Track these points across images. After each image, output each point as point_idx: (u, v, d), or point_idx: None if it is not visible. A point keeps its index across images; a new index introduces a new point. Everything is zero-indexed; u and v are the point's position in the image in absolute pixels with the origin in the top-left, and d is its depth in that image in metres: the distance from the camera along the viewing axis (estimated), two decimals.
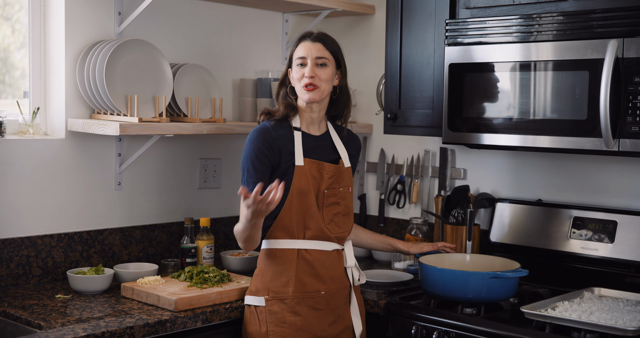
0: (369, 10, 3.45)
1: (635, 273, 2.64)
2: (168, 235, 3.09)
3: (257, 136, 2.44)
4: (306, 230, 2.44)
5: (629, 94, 2.33)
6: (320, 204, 2.46)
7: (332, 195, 2.49)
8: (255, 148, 2.42)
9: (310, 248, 2.44)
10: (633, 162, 2.76)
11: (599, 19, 2.40)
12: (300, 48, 2.49)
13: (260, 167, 2.41)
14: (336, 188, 2.50)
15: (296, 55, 2.49)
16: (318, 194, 2.46)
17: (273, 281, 2.42)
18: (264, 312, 2.41)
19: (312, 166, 2.46)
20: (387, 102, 3.05)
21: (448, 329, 2.41)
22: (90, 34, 2.83)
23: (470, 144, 2.75)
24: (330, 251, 2.47)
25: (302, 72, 2.47)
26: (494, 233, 2.99)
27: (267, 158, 2.42)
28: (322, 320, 2.44)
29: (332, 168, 2.50)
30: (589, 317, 2.23)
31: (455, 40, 2.74)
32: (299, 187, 2.42)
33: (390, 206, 3.45)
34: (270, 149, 2.43)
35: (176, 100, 2.92)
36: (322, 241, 2.46)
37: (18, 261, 2.67)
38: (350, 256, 2.53)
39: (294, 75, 2.49)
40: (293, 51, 2.51)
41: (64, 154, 2.79)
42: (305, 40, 2.49)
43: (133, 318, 2.31)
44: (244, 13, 3.34)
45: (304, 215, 2.43)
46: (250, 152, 2.43)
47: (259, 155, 2.41)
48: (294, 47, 2.52)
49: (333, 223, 2.49)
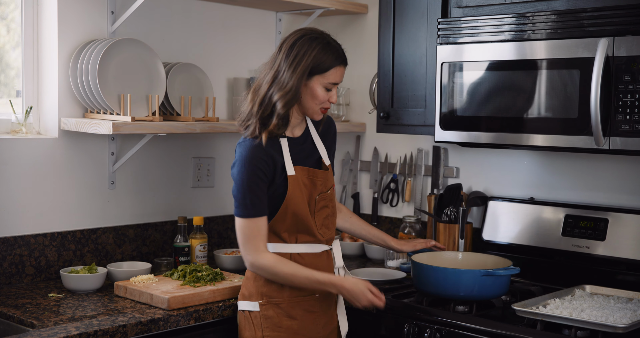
0: (362, 9, 3.46)
1: (626, 271, 2.66)
2: (161, 233, 3.09)
3: (252, 157, 2.30)
4: (298, 235, 2.41)
5: (619, 92, 2.34)
6: (312, 210, 2.42)
7: (322, 199, 2.45)
8: (255, 170, 2.29)
9: (303, 252, 2.41)
10: (624, 160, 2.77)
11: (590, 18, 2.41)
12: (336, 73, 2.35)
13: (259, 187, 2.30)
14: (324, 191, 2.46)
15: (331, 79, 2.34)
16: (310, 201, 2.41)
17: (267, 285, 2.39)
18: (258, 317, 2.38)
19: (303, 173, 2.40)
20: (380, 101, 3.06)
21: (440, 327, 2.42)
22: (83, 33, 2.84)
23: (462, 142, 2.76)
24: (320, 253, 2.46)
25: (328, 97, 2.36)
26: (487, 231, 3.00)
27: (264, 174, 2.32)
28: (316, 322, 2.44)
29: (323, 174, 2.45)
30: (579, 314, 2.24)
31: (448, 39, 2.75)
32: (293, 197, 2.36)
33: (383, 204, 3.46)
34: (265, 165, 2.31)
35: (169, 99, 2.92)
36: (313, 244, 2.44)
37: (11, 260, 2.67)
38: (338, 257, 2.51)
39: (318, 96, 2.34)
40: (325, 72, 2.33)
41: (57, 154, 2.80)
42: (341, 65, 2.36)
43: (126, 316, 2.32)
44: (237, 12, 3.34)
45: (297, 223, 2.39)
46: (245, 173, 2.29)
47: (256, 174, 2.30)
48: (327, 66, 2.33)
49: (324, 227, 2.46)
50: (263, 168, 2.31)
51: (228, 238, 3.32)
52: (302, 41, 2.34)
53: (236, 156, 2.36)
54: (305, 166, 2.42)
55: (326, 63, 2.33)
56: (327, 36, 2.39)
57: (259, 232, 2.32)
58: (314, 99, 2.36)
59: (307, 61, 2.31)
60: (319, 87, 2.35)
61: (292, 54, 2.32)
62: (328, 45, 2.35)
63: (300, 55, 2.32)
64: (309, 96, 2.36)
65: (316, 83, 2.34)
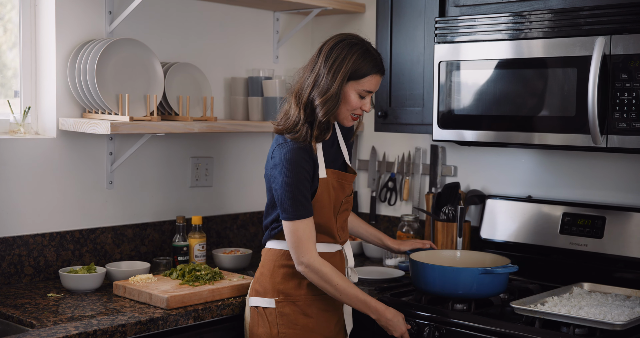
0: (359, 8, 3.46)
1: (623, 268, 2.66)
2: (160, 233, 3.09)
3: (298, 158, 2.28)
4: (318, 235, 2.40)
5: (616, 90, 2.35)
6: (335, 213, 2.42)
7: (346, 202, 2.47)
8: (301, 171, 2.28)
9: (320, 251, 2.40)
10: (621, 158, 2.78)
11: (587, 17, 2.42)
12: (372, 81, 2.33)
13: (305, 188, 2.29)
14: (349, 194, 2.48)
15: (367, 87, 2.32)
16: (336, 203, 2.41)
17: (284, 282, 2.40)
18: (274, 314, 2.38)
19: (334, 176, 2.40)
20: (378, 100, 3.06)
21: (439, 325, 2.42)
22: (81, 33, 2.84)
23: (460, 141, 2.76)
24: (334, 253, 2.47)
25: (362, 105, 2.34)
26: (485, 229, 3.00)
27: (308, 174, 2.30)
28: (330, 321, 2.45)
29: (351, 178, 2.45)
30: (578, 311, 2.25)
31: (445, 38, 2.75)
32: (321, 200, 2.35)
33: (381, 203, 3.46)
34: (310, 169, 2.30)
35: (167, 99, 2.92)
36: (329, 243, 2.45)
37: (10, 260, 2.67)
38: (350, 258, 2.53)
39: (351, 102, 2.32)
40: (362, 78, 2.31)
41: (56, 154, 2.80)
42: (378, 74, 2.34)
43: (125, 316, 2.32)
44: (235, 11, 3.35)
45: (319, 225, 2.38)
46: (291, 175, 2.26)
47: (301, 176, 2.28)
48: (365, 73, 2.31)
49: (341, 229, 2.48)
50: (308, 169, 2.30)
51: (226, 237, 3.32)
52: (342, 45, 2.31)
53: (278, 158, 2.31)
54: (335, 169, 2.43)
55: (363, 69, 2.31)
56: (366, 43, 2.36)
57: (312, 233, 2.32)
58: (346, 105, 2.33)
59: (346, 66, 2.29)
60: (353, 93, 2.33)
61: (332, 58, 2.30)
62: (367, 52, 2.33)
63: (340, 59, 2.29)
64: (342, 102, 2.33)
65: (351, 89, 2.32)
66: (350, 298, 2.34)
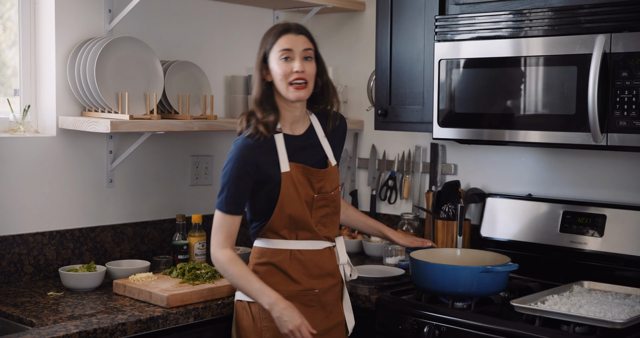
0: (359, 6, 3.46)
1: (624, 267, 2.66)
2: (160, 231, 3.09)
3: (240, 155, 2.33)
4: (298, 232, 2.41)
5: (616, 88, 2.35)
6: (310, 208, 2.42)
7: (322, 199, 2.44)
8: (239, 168, 2.32)
9: (303, 249, 2.41)
10: (621, 156, 2.78)
11: (587, 15, 2.41)
12: (283, 40, 2.32)
13: (242, 188, 2.34)
14: (327, 191, 2.46)
15: (279, 47, 2.32)
16: (307, 199, 2.41)
17: (266, 278, 2.40)
18: (257, 308, 2.40)
19: (298, 171, 2.39)
20: (378, 98, 3.06)
21: (439, 323, 2.42)
22: (81, 31, 2.83)
23: (460, 139, 2.76)
24: (322, 250, 2.46)
25: (291, 67, 2.31)
26: (485, 227, 3.00)
27: (250, 177, 2.35)
28: (314, 316, 2.44)
29: (320, 173, 2.44)
30: (578, 310, 2.25)
31: (445, 36, 2.75)
32: (288, 194, 2.36)
33: (381, 201, 3.46)
34: (254, 167, 2.34)
35: (167, 97, 2.92)
36: (313, 240, 2.44)
37: (10, 259, 2.67)
38: (342, 254, 2.51)
39: (278, 70, 2.32)
40: (272, 45, 2.34)
41: (55, 152, 2.80)
42: (289, 33, 2.33)
43: (125, 314, 2.32)
44: (235, 10, 3.34)
45: (295, 220, 2.39)
46: (232, 171, 2.33)
47: (242, 175, 2.33)
48: (272, 41, 2.34)
49: (320, 224, 2.45)
50: (250, 167, 2.33)
51: None
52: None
53: (230, 152, 2.38)
54: (305, 164, 2.42)
55: (270, 41, 2.36)
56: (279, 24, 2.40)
57: (229, 230, 2.37)
58: (277, 77, 2.34)
59: (259, 53, 2.38)
60: (274, 63, 2.34)
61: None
62: (272, 27, 2.39)
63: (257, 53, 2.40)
64: (274, 77, 2.35)
65: (272, 62, 2.35)
66: (244, 285, 2.30)
